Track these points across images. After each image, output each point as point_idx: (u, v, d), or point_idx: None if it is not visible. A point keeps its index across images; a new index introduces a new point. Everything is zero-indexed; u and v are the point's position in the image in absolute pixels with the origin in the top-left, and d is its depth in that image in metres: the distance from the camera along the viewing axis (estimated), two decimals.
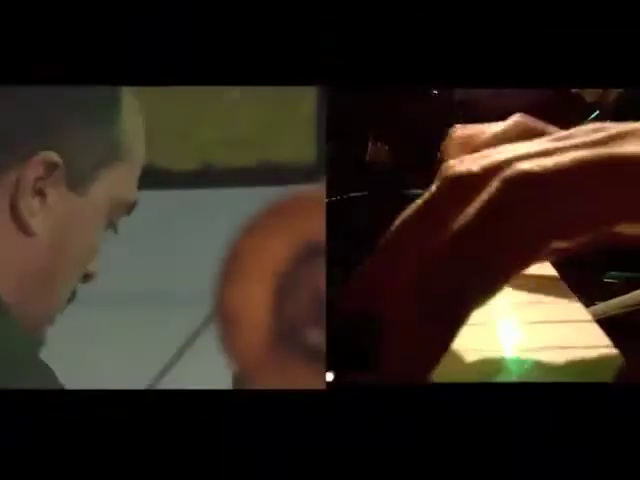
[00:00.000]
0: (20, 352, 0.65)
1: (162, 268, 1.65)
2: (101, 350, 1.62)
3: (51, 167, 0.65)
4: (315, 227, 0.59)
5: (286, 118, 1.70)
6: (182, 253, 1.64)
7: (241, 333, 0.60)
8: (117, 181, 0.69)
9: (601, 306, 1.16)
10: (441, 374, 0.51)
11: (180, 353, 1.65)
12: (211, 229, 1.56)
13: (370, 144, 1.16)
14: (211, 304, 0.60)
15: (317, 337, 0.57)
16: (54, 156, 0.65)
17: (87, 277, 0.71)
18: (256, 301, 0.60)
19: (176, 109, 1.71)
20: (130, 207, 0.71)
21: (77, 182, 0.66)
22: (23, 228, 0.65)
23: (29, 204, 0.65)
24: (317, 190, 0.60)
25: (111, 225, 0.71)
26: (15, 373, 0.63)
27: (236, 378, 0.67)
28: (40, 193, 0.65)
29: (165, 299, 1.64)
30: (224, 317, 0.61)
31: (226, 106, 1.71)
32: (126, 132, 0.69)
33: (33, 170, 0.65)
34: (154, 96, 1.70)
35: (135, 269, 1.64)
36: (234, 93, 1.70)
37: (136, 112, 0.71)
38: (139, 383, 1.55)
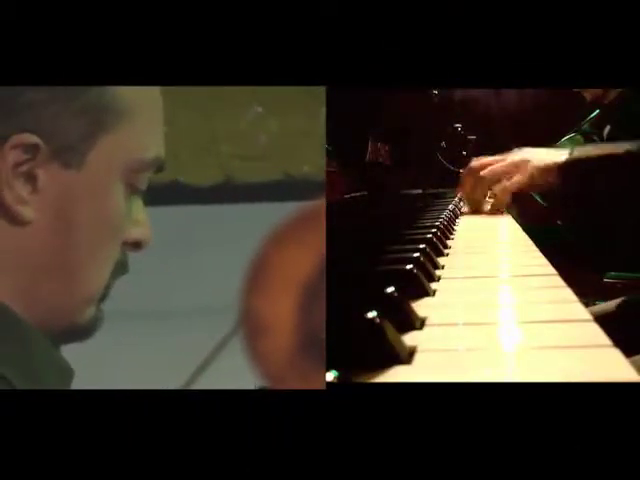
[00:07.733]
0: (33, 353, 0.61)
1: (187, 283, 1.66)
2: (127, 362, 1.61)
3: (31, 149, 0.60)
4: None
5: (306, 133, 1.72)
6: (206, 267, 1.64)
7: (267, 340, 0.60)
8: (123, 143, 0.63)
9: (601, 306, 1.16)
10: (442, 373, 0.51)
11: (206, 363, 1.66)
12: (234, 243, 1.56)
13: (370, 144, 1.16)
14: (237, 312, 0.58)
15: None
16: (30, 137, 0.60)
17: (136, 245, 0.65)
18: (282, 310, 0.60)
19: (198, 125, 1.72)
20: (153, 165, 0.65)
21: (69, 156, 0.61)
22: (14, 219, 0.60)
23: (16, 192, 0.60)
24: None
25: (133, 188, 0.65)
26: (29, 373, 0.61)
27: (262, 384, 0.66)
28: (27, 178, 0.61)
29: (190, 313, 1.64)
30: (250, 325, 0.60)
31: (247, 121, 1.73)
32: (121, 94, 0.64)
33: (10, 156, 0.60)
34: (176, 115, 1.71)
35: (160, 284, 1.64)
36: (256, 108, 1.72)
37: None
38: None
